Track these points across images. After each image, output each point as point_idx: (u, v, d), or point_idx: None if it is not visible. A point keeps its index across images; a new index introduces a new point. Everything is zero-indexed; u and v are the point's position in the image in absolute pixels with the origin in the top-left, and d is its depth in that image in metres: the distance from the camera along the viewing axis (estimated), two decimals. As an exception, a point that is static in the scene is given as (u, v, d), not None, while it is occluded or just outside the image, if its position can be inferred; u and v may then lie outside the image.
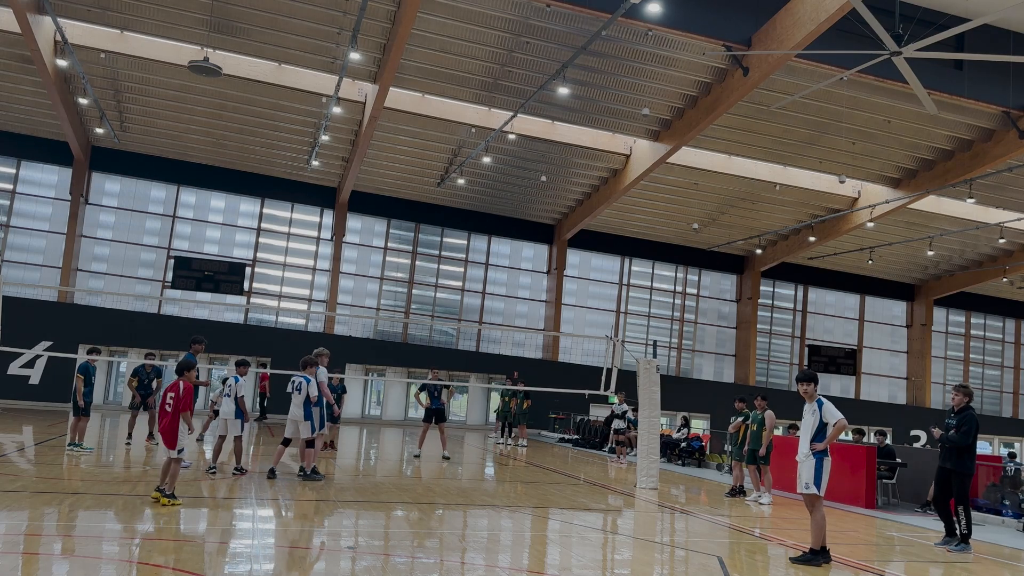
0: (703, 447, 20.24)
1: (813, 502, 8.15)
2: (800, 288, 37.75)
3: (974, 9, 19.12)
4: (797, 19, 18.65)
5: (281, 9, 20.41)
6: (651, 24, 19.62)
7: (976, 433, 9.70)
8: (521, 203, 31.66)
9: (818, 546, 8.02)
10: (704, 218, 32.13)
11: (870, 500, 13.40)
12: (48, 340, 25.23)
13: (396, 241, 32.15)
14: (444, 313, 32.38)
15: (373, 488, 12.01)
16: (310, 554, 7.32)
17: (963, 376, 40.08)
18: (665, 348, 34.74)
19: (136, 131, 27.16)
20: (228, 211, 30.26)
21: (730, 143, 26.24)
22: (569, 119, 25.35)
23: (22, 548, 6.82)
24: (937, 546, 9.74)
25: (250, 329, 29.61)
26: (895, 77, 19.43)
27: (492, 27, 20.69)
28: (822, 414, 8.16)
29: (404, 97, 24.30)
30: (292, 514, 9.34)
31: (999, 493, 13.19)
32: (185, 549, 7.04)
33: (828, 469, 8.08)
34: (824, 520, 8.07)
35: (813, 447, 8.12)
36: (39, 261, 28.08)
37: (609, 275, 34.83)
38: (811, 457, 8.10)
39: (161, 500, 8.84)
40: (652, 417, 14.08)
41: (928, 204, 29.39)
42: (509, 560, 7.60)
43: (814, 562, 7.93)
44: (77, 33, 21.53)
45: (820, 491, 8.07)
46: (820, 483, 8.06)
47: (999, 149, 24.23)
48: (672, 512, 11.61)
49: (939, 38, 13.73)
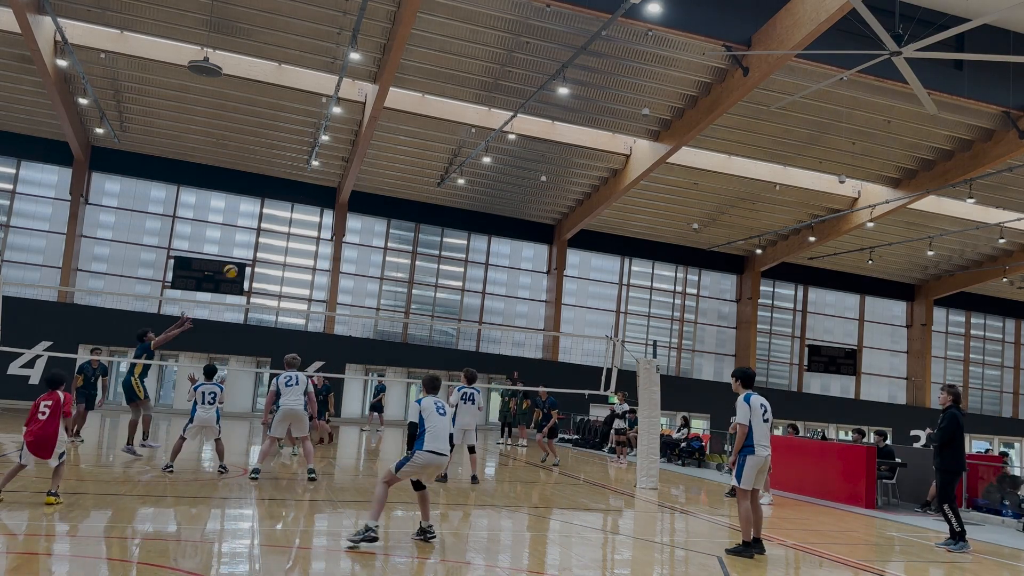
0: (703, 447, 20.24)
1: (738, 494, 8.53)
2: (800, 288, 37.76)
3: (974, 9, 19.12)
4: (797, 19, 18.65)
5: (281, 9, 20.41)
6: (651, 24, 19.62)
7: (954, 431, 9.72)
8: (521, 203, 31.66)
9: (748, 538, 8.26)
10: (704, 218, 32.13)
11: (870, 500, 13.39)
12: (48, 340, 25.22)
13: (396, 241, 32.15)
14: (444, 313, 32.38)
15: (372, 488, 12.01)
16: (310, 554, 7.32)
17: (963, 376, 40.10)
18: (665, 348, 34.74)
19: (136, 131, 27.16)
20: (228, 211, 30.27)
21: (730, 143, 26.23)
22: (569, 119, 25.35)
23: (22, 548, 6.82)
24: (938, 546, 9.74)
25: (250, 329, 29.61)
26: (895, 77, 19.42)
27: (492, 27, 20.69)
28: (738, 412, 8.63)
29: (404, 97, 24.30)
30: (291, 514, 9.34)
31: (998, 493, 13.19)
32: (185, 549, 7.03)
33: (749, 465, 8.36)
34: (747, 513, 8.28)
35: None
36: (39, 261, 28.08)
37: (609, 275, 34.83)
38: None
39: (51, 500, 8.56)
40: (652, 417, 14.08)
41: (928, 204, 29.39)
42: (509, 560, 7.60)
43: (744, 554, 8.18)
44: (77, 33, 21.53)
45: (741, 484, 8.37)
46: (740, 477, 8.40)
47: (999, 149, 24.24)
48: (672, 512, 11.61)
49: (939, 38, 13.74)
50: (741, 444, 8.44)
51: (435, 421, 7.64)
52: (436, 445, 7.57)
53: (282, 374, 11.87)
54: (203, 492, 10.20)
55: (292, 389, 11.75)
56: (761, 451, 8.40)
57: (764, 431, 8.49)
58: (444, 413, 7.75)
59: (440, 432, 7.63)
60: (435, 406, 7.74)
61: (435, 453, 7.56)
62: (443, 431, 7.66)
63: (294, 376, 11.77)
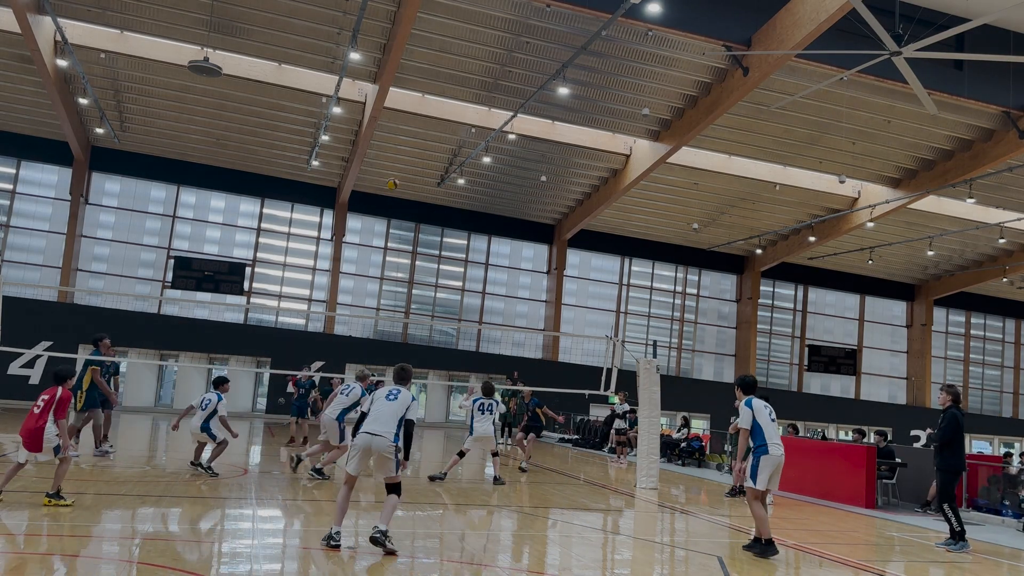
0: (703, 447, 20.23)
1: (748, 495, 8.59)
2: (800, 288, 37.76)
3: (974, 9, 19.12)
4: (797, 19, 18.65)
5: (281, 9, 20.41)
6: (651, 24, 19.61)
7: (954, 431, 9.73)
8: (521, 203, 31.66)
9: (768, 536, 8.28)
10: (704, 218, 32.12)
11: (870, 500, 13.39)
12: (48, 340, 25.21)
13: (396, 241, 32.15)
14: (444, 313, 32.38)
15: (373, 488, 12.01)
16: (310, 554, 7.32)
17: (963, 376, 40.10)
18: (665, 348, 34.74)
19: (136, 131, 27.16)
20: (228, 211, 30.27)
21: (730, 143, 26.23)
22: (569, 119, 25.35)
23: (22, 548, 6.82)
24: (938, 546, 9.74)
25: (250, 329, 29.60)
26: (895, 77, 19.43)
27: (492, 27, 20.69)
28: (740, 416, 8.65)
29: (404, 97, 24.30)
30: (291, 514, 9.34)
31: (995, 493, 13.19)
32: (185, 549, 7.03)
33: (764, 465, 8.36)
34: (761, 511, 8.35)
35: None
36: (39, 261, 28.08)
37: (609, 275, 34.83)
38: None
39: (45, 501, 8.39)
40: (652, 417, 14.08)
41: (928, 204, 29.39)
42: (509, 560, 7.60)
43: (768, 552, 8.22)
44: (77, 33, 21.53)
45: (756, 484, 8.39)
46: (755, 477, 8.41)
47: (999, 149, 24.24)
48: (672, 512, 11.61)
49: (939, 38, 13.74)
50: (744, 448, 8.48)
51: (379, 406, 7.49)
52: (372, 427, 7.38)
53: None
54: (206, 492, 10.19)
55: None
56: (775, 449, 8.38)
57: (773, 430, 8.50)
58: (394, 399, 7.53)
59: (380, 415, 7.42)
60: (386, 393, 7.60)
61: (369, 434, 7.35)
62: (385, 415, 7.42)
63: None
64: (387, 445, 7.34)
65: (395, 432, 7.38)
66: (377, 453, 7.37)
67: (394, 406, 7.50)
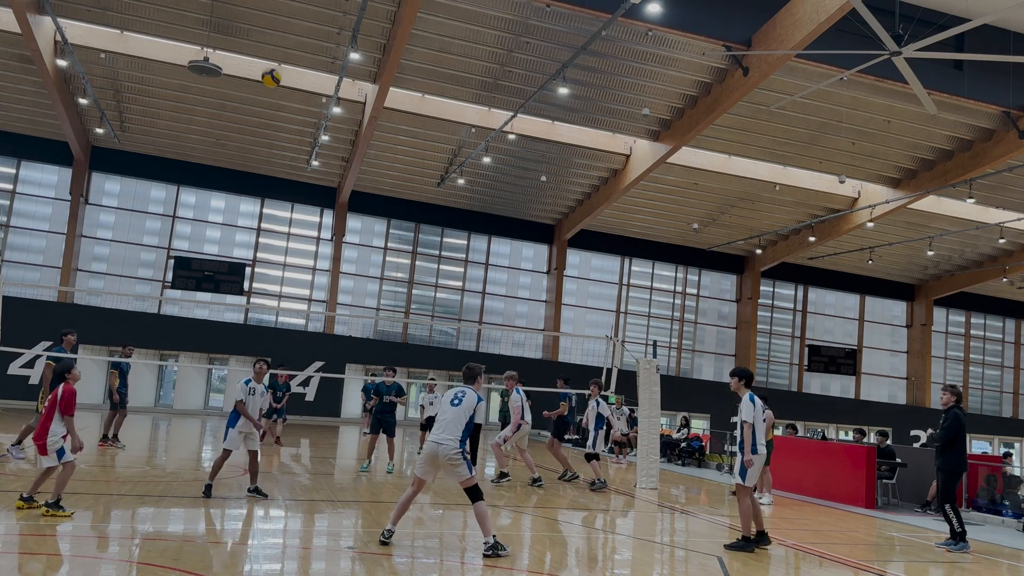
0: (703, 447, 20.24)
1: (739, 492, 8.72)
2: (800, 288, 37.75)
3: (974, 9, 19.12)
4: (797, 19, 18.65)
5: (281, 9, 20.40)
6: (651, 24, 19.61)
7: (956, 431, 9.73)
8: (521, 203, 31.66)
9: (749, 533, 8.50)
10: (704, 218, 32.12)
11: (870, 500, 13.40)
12: (48, 340, 25.18)
13: (396, 241, 32.14)
14: (444, 313, 32.37)
15: (373, 488, 12.01)
16: (310, 554, 7.32)
17: (963, 376, 40.10)
18: (665, 348, 34.74)
19: (136, 131, 27.16)
20: (228, 211, 30.25)
21: (730, 143, 26.23)
22: (569, 119, 25.35)
23: (21, 548, 6.82)
24: (938, 546, 9.74)
25: (250, 329, 29.60)
26: (895, 77, 19.42)
27: (492, 27, 20.68)
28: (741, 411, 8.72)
29: (404, 97, 24.29)
30: (291, 514, 9.34)
31: (991, 493, 13.18)
32: (185, 549, 7.03)
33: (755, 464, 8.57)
34: (748, 509, 8.57)
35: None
36: (39, 261, 28.07)
37: (609, 275, 34.82)
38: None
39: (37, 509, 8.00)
40: (652, 417, 14.08)
41: (928, 204, 29.39)
42: (509, 560, 7.60)
43: (746, 548, 8.41)
44: (77, 33, 21.52)
45: (746, 482, 8.59)
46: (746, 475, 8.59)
47: (999, 149, 24.23)
48: (672, 512, 11.61)
49: (939, 38, 13.74)
50: (751, 442, 8.54)
51: (445, 411, 7.59)
52: (437, 435, 7.48)
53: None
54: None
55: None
56: (762, 449, 8.66)
57: (762, 430, 8.73)
58: (459, 403, 7.65)
59: (446, 421, 7.54)
60: (451, 397, 7.75)
61: (435, 443, 7.50)
62: (450, 421, 7.49)
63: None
64: (453, 452, 7.40)
65: (460, 438, 7.46)
66: (444, 460, 7.45)
67: (459, 411, 7.57)
